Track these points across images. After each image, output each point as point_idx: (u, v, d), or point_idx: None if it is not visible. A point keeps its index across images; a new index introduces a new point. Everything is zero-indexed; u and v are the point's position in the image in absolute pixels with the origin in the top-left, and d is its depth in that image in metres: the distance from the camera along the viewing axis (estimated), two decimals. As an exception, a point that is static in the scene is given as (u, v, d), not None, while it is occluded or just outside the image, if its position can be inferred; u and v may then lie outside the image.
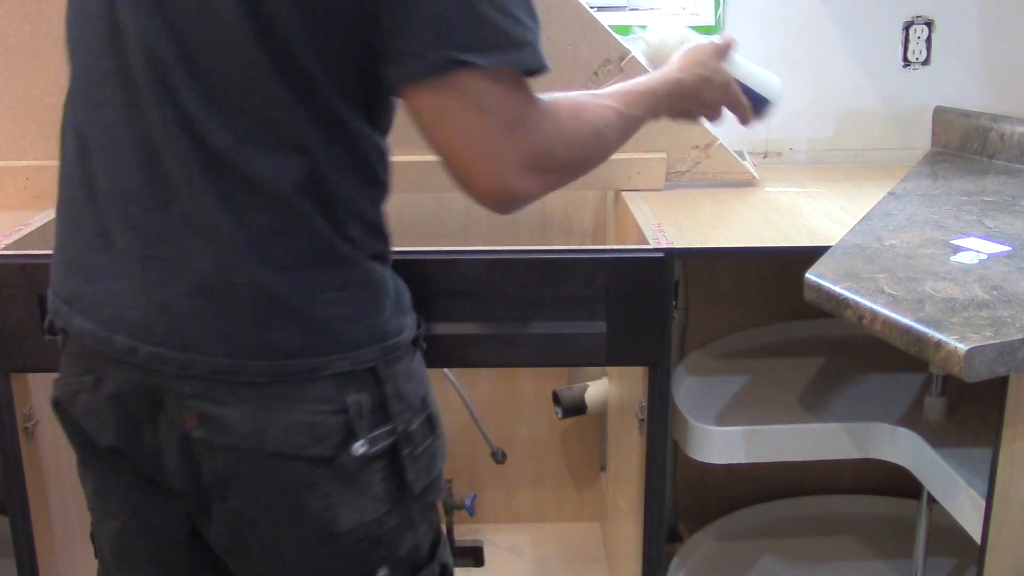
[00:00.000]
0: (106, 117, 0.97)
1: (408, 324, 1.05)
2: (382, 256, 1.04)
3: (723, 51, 1.29)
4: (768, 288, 1.97)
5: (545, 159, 0.97)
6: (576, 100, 1.04)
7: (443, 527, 1.20)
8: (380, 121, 1.01)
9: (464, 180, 0.95)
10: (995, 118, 1.88)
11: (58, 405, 1.06)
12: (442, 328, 1.37)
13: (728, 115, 1.32)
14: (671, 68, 1.25)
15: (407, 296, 1.08)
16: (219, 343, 0.94)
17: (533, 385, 2.13)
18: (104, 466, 1.06)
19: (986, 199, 1.61)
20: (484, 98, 0.91)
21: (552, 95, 1.00)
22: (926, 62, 1.98)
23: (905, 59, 1.98)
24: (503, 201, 0.97)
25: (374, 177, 1.01)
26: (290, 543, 1.02)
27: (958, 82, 1.99)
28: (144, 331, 0.95)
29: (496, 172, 0.94)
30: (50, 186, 1.72)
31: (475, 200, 0.97)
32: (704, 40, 1.30)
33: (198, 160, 0.93)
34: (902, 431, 1.49)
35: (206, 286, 0.94)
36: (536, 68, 0.94)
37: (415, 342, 1.07)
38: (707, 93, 1.26)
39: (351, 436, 0.98)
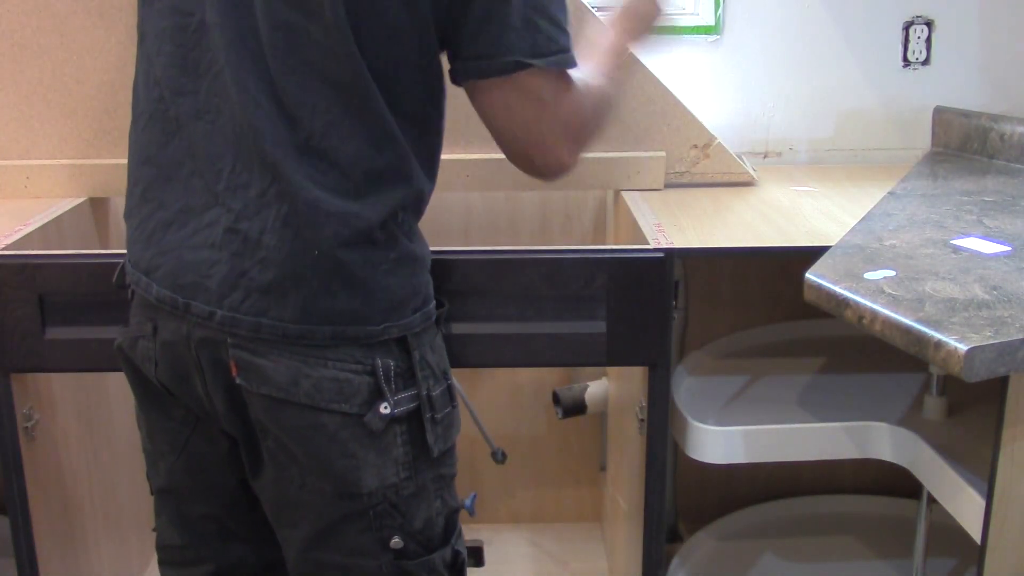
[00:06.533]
0: (195, 102, 1.06)
1: (433, 299, 1.16)
2: (416, 233, 1.14)
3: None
4: (768, 288, 1.97)
5: (585, 134, 1.13)
6: (587, 79, 1.16)
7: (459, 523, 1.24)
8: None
9: (523, 159, 1.12)
10: (995, 118, 1.88)
11: (120, 351, 1.17)
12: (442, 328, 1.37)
13: None
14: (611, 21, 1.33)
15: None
16: (289, 310, 1.04)
17: (533, 385, 2.13)
18: (157, 407, 1.18)
19: (986, 199, 1.61)
20: (542, 92, 1.07)
21: (575, 77, 1.11)
22: (926, 62, 1.98)
23: (905, 59, 1.98)
24: (556, 173, 1.13)
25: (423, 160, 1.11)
26: (316, 495, 1.11)
27: (958, 82, 1.99)
28: (220, 297, 1.05)
29: (552, 150, 1.11)
30: (51, 185, 1.75)
31: (530, 174, 1.14)
32: None
33: (290, 145, 1.02)
34: (902, 431, 1.49)
35: (282, 258, 1.04)
36: (574, 66, 1.10)
37: (437, 320, 1.17)
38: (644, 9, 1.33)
39: (378, 396, 1.07)
